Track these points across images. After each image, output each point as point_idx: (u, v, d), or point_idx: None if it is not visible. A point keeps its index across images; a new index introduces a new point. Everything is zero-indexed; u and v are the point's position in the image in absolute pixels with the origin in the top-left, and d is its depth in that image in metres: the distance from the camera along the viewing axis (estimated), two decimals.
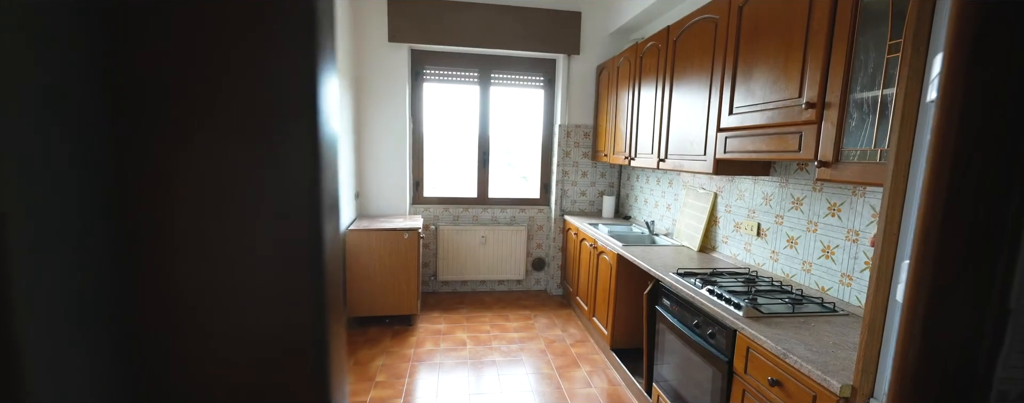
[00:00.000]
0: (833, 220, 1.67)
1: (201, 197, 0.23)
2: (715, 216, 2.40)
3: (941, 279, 0.45)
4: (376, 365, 2.54)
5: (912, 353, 0.46)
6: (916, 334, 0.45)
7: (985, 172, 0.42)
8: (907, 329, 0.46)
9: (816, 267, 1.74)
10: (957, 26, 0.40)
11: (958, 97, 0.41)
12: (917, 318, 0.45)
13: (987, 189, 0.42)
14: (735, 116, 1.78)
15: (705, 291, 1.68)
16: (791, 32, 1.48)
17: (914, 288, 0.45)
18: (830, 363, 1.14)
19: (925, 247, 0.45)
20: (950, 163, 0.42)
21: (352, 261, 2.93)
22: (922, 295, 0.45)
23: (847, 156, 1.28)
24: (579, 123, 3.71)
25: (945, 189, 0.43)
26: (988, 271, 0.44)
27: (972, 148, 0.42)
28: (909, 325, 0.46)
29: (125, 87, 0.22)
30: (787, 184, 1.90)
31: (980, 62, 0.40)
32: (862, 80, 1.23)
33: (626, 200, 3.69)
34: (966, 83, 0.40)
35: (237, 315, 0.23)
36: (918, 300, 0.45)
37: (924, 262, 0.44)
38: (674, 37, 2.32)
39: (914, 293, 0.46)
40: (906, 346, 0.46)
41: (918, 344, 0.45)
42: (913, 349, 0.46)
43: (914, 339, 0.46)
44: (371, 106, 3.41)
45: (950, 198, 0.43)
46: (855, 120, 1.25)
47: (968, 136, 0.42)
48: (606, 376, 2.50)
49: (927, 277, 0.45)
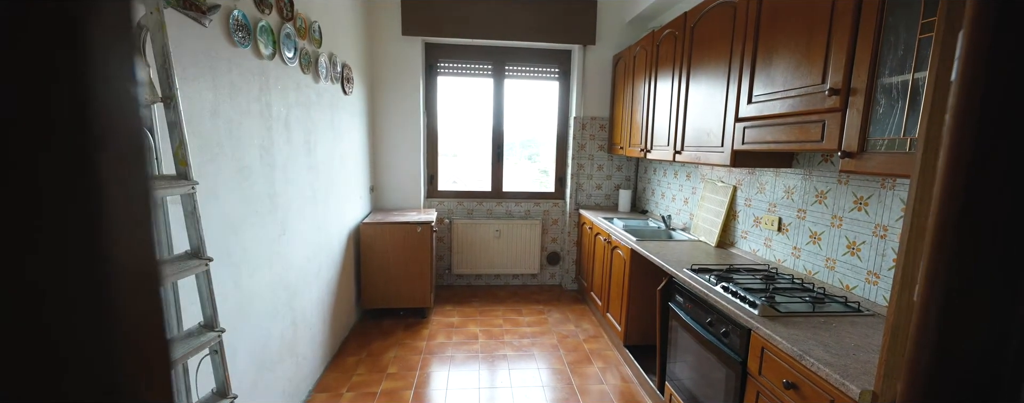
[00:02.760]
0: (859, 215, 1.57)
1: None
2: (734, 210, 2.30)
3: (960, 279, 0.40)
4: (389, 357, 2.57)
5: (925, 359, 0.41)
6: (930, 339, 0.40)
7: (1014, 157, 0.37)
8: (920, 333, 0.41)
9: (840, 264, 1.64)
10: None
11: (981, 70, 0.36)
12: (932, 321, 0.40)
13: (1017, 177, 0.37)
14: (754, 105, 1.69)
15: (719, 288, 1.61)
16: (814, 13, 1.39)
17: (929, 288, 0.40)
18: (850, 367, 1.07)
19: (942, 243, 0.39)
20: (971, 147, 0.37)
21: (366, 254, 2.96)
22: (937, 296, 0.40)
23: (873, 146, 1.19)
24: (595, 115, 3.63)
25: (965, 176, 0.38)
26: (1016, 270, 0.38)
27: (997, 130, 0.36)
28: (922, 328, 0.41)
29: None
30: (810, 177, 1.80)
31: (1008, 27, 0.34)
32: (891, 63, 1.14)
33: (643, 194, 3.60)
34: (990, 53, 0.35)
35: None
36: (933, 301, 0.40)
37: (940, 259, 0.39)
38: (691, 23, 2.23)
39: (929, 294, 0.41)
40: (919, 351, 0.41)
41: (932, 350, 0.40)
42: (926, 355, 0.41)
43: (928, 344, 0.41)
44: (385, 100, 3.43)
45: (971, 187, 0.38)
46: (883, 107, 1.16)
47: (993, 115, 0.36)
48: (619, 373, 2.46)
49: (943, 276, 0.40)
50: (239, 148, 1.53)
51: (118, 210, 0.21)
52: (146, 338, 0.24)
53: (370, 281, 3.00)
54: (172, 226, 1.10)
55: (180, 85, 1.24)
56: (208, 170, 1.36)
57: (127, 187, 0.22)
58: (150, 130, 1.04)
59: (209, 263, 1.10)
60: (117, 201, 0.21)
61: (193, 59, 1.30)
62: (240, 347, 1.56)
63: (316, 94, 2.26)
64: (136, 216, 0.23)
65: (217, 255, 1.41)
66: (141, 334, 0.24)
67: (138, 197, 0.23)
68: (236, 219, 1.52)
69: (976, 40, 0.36)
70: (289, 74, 1.94)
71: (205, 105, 1.35)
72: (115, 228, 0.21)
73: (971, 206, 0.37)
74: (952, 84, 0.37)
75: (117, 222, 0.21)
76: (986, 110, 0.36)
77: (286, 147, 1.91)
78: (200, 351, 1.08)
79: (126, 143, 0.22)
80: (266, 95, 1.73)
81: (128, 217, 0.22)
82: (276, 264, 1.83)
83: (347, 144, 2.79)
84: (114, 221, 0.21)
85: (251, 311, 1.63)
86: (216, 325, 1.13)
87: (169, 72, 1.01)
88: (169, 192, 1.01)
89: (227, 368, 1.17)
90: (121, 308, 0.22)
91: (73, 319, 0.20)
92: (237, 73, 1.53)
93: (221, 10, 1.43)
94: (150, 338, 0.24)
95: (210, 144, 1.37)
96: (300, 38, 2.04)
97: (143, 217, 0.23)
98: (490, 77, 3.64)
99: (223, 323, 1.42)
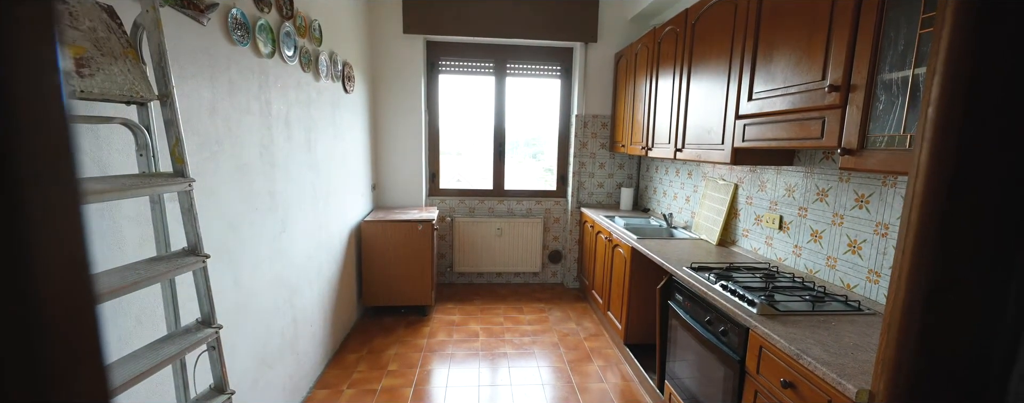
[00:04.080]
0: (861, 213, 1.55)
1: None
2: (735, 208, 2.29)
3: (943, 277, 0.39)
4: (389, 354, 2.58)
5: (906, 357, 0.40)
6: (912, 337, 0.40)
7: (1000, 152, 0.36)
8: (901, 331, 0.41)
9: (841, 263, 1.63)
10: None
11: (965, 63, 0.35)
12: (913, 319, 0.40)
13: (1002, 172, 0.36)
14: (754, 102, 1.68)
15: (718, 287, 1.60)
16: (815, 8, 1.37)
17: (910, 285, 0.40)
18: (848, 366, 1.06)
19: (923, 240, 0.39)
20: (954, 142, 0.36)
21: (367, 252, 2.97)
22: (918, 294, 0.40)
23: (873, 143, 1.17)
24: (597, 113, 3.62)
25: (948, 171, 0.37)
26: (1002, 268, 0.38)
27: (981, 123, 0.35)
28: (904, 326, 0.40)
29: None
30: (812, 174, 1.78)
31: (992, 19, 0.34)
32: (891, 59, 1.12)
33: (645, 192, 3.59)
34: (973, 45, 0.34)
35: None
36: (914, 299, 0.40)
37: (921, 257, 0.39)
38: (693, 20, 2.21)
39: (910, 292, 0.40)
40: (900, 350, 0.41)
41: (913, 348, 0.40)
42: (907, 353, 0.40)
43: (909, 342, 0.40)
44: (387, 99, 3.44)
45: (956, 182, 0.37)
46: (883, 103, 1.15)
47: (977, 106, 0.36)
48: (619, 371, 2.45)
49: (925, 274, 0.39)
50: (238, 145, 1.54)
51: (37, 222, 0.18)
52: (76, 367, 0.21)
53: (371, 279, 3.01)
54: (170, 223, 1.11)
55: (178, 83, 1.25)
56: (207, 167, 1.37)
57: (47, 194, 0.19)
58: (147, 128, 1.05)
59: (206, 260, 1.11)
60: (35, 211, 0.18)
61: (191, 57, 1.31)
62: (240, 344, 1.57)
63: (316, 92, 2.27)
64: (61, 230, 0.19)
65: (217, 252, 1.42)
66: (69, 364, 0.20)
67: (62, 206, 0.19)
68: (235, 216, 1.53)
69: (959, 32, 0.35)
70: (289, 72, 1.95)
71: (203, 103, 1.36)
72: (34, 245, 0.18)
73: (953, 202, 0.36)
74: (934, 76, 0.37)
75: (37, 238, 0.18)
76: (971, 103, 0.35)
77: (286, 145, 1.92)
78: (197, 347, 1.09)
79: (46, 142, 0.19)
80: (265, 93, 1.74)
81: (50, 232, 0.19)
82: (276, 261, 1.84)
83: (348, 142, 2.80)
84: (34, 237, 0.18)
85: (251, 308, 1.64)
86: (213, 321, 1.14)
87: (165, 70, 1.02)
88: (166, 189, 1.02)
89: (225, 364, 1.18)
90: (41, 340, 0.18)
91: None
92: (236, 71, 1.54)
93: (219, 9, 1.44)
94: (82, 366, 0.21)
95: (209, 142, 1.38)
96: (300, 37, 2.04)
97: (70, 232, 0.19)
98: (491, 75, 3.63)
99: (223, 320, 1.44)
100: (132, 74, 0.96)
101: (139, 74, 0.98)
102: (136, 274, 0.95)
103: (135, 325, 1.10)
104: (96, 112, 0.98)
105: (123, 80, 0.93)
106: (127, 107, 1.03)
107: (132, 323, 1.09)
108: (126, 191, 0.93)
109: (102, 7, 0.94)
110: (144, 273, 0.96)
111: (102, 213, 1.01)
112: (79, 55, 0.86)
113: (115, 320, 1.05)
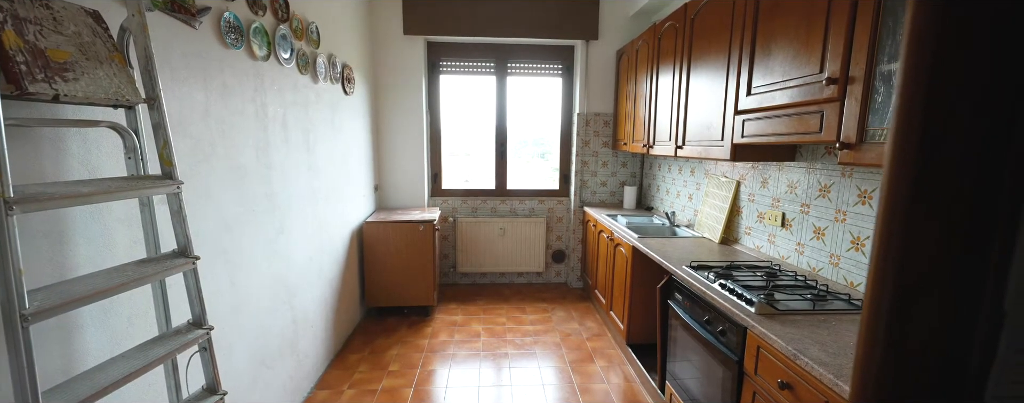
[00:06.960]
0: (863, 209, 1.51)
1: None
2: (738, 206, 2.25)
3: (911, 274, 0.37)
4: (391, 354, 2.59)
5: (875, 358, 0.38)
6: (880, 337, 0.38)
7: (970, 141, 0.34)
8: (869, 331, 0.38)
9: (845, 260, 1.58)
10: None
11: (928, 46, 0.33)
12: (881, 319, 0.38)
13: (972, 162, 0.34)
14: (753, 97, 1.64)
15: (717, 286, 1.57)
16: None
17: (878, 286, 0.38)
18: (846, 367, 1.03)
19: (889, 236, 0.37)
20: (919, 130, 0.34)
21: (369, 253, 2.99)
22: (887, 294, 0.37)
23: (872, 136, 1.14)
24: (598, 111, 3.59)
25: (913, 162, 0.35)
26: (975, 266, 0.35)
27: (949, 109, 0.33)
28: (872, 326, 0.38)
29: None
30: (813, 170, 1.74)
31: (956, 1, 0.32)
32: (890, 49, 1.09)
33: (648, 190, 3.55)
34: (938, 24, 0.32)
35: None
36: (883, 297, 0.38)
37: (888, 254, 0.37)
38: (692, 15, 2.18)
39: (877, 292, 0.38)
40: (869, 350, 0.38)
41: (882, 348, 0.38)
42: (877, 354, 0.38)
43: (878, 342, 0.38)
44: (389, 100, 3.45)
45: (920, 174, 0.35)
46: (881, 95, 1.11)
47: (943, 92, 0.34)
48: (621, 372, 2.42)
49: (893, 272, 0.37)
50: (233, 148, 1.55)
51: None
52: None
53: (374, 280, 3.02)
54: (160, 226, 1.12)
55: (171, 86, 1.26)
56: (201, 170, 1.38)
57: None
58: (136, 131, 1.05)
59: (196, 262, 1.11)
60: None
61: (183, 61, 1.32)
62: (237, 344, 1.58)
63: (315, 94, 2.28)
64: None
65: (212, 254, 1.43)
66: None
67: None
68: (231, 218, 1.54)
69: (922, 15, 0.33)
70: (286, 75, 1.96)
71: (196, 106, 1.37)
72: None
73: (918, 195, 0.34)
74: (900, 62, 0.35)
75: None
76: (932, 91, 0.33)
77: (284, 147, 1.93)
78: (188, 348, 1.10)
79: None
80: (261, 96, 1.75)
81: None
82: (274, 263, 1.85)
83: (348, 144, 2.81)
84: None
85: (247, 309, 1.65)
86: (204, 323, 1.15)
87: (152, 74, 1.03)
88: (154, 191, 1.03)
89: (216, 365, 1.19)
90: None
91: None
92: (230, 74, 1.55)
93: (212, 12, 1.45)
94: None
95: (202, 144, 1.39)
96: (297, 39, 2.05)
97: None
98: (493, 75, 3.62)
99: (219, 321, 1.45)
100: (118, 78, 0.97)
101: (125, 78, 0.98)
102: (123, 276, 0.95)
103: (127, 326, 1.11)
104: (83, 116, 0.99)
105: (108, 84, 0.94)
106: (115, 111, 1.04)
107: (124, 324, 1.11)
108: (114, 193, 0.93)
109: (87, 12, 0.95)
110: (132, 275, 0.97)
111: (92, 216, 1.02)
112: (63, 60, 0.87)
113: (106, 321, 1.06)
